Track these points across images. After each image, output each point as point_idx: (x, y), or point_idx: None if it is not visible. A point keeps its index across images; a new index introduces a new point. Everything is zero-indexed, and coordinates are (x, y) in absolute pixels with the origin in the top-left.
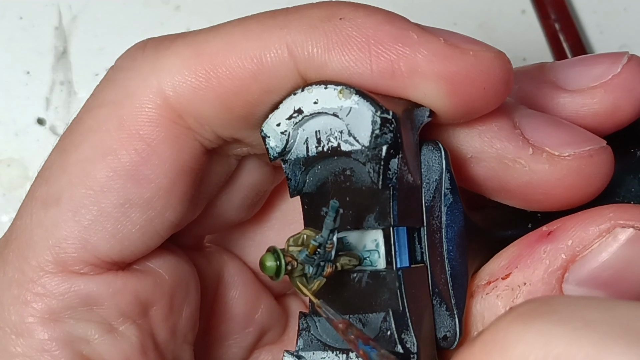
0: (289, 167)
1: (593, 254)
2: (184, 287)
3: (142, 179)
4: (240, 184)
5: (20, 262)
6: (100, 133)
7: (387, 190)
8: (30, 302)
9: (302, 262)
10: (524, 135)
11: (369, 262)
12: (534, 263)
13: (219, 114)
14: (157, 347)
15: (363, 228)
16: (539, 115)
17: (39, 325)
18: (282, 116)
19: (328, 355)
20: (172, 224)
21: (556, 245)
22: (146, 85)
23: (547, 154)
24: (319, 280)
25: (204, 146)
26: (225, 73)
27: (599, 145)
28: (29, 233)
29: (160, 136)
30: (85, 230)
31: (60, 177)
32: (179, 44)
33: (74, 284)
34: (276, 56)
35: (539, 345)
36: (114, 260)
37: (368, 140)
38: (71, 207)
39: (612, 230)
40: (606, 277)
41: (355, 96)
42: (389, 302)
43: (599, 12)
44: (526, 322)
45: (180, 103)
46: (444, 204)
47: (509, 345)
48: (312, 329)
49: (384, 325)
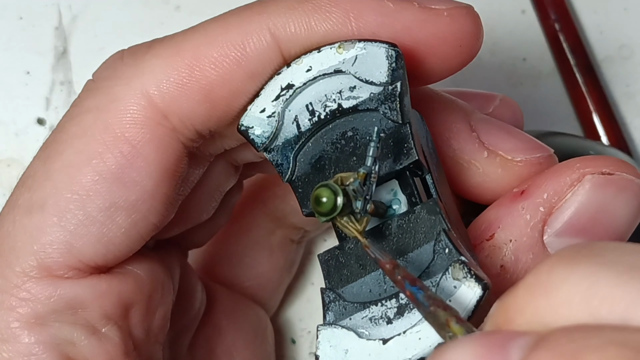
0: (277, 154)
1: (567, 203)
2: (160, 288)
3: (128, 182)
4: (208, 185)
5: (4, 269)
6: (85, 138)
7: (406, 126)
8: (15, 307)
9: (356, 191)
10: (479, 138)
11: (392, 211)
12: (515, 220)
13: (203, 109)
14: (135, 347)
15: (379, 182)
16: (493, 120)
17: (24, 330)
18: (267, 100)
19: (370, 311)
20: (154, 227)
21: (533, 200)
22: (130, 89)
23: (500, 158)
24: (367, 217)
25: (186, 147)
26: (208, 64)
27: (548, 153)
28: (12, 240)
29: (146, 138)
30: (70, 235)
31: (45, 184)
32: (157, 48)
33: (59, 288)
34: (258, 40)
35: (584, 287)
36: (97, 264)
37: (386, 76)
38: (56, 212)
39: (582, 179)
40: (582, 223)
41: (360, 43)
42: (432, 229)
43: (599, 12)
44: (569, 264)
45: (164, 101)
46: (431, 162)
47: (553, 286)
48: (339, 300)
49: (438, 247)
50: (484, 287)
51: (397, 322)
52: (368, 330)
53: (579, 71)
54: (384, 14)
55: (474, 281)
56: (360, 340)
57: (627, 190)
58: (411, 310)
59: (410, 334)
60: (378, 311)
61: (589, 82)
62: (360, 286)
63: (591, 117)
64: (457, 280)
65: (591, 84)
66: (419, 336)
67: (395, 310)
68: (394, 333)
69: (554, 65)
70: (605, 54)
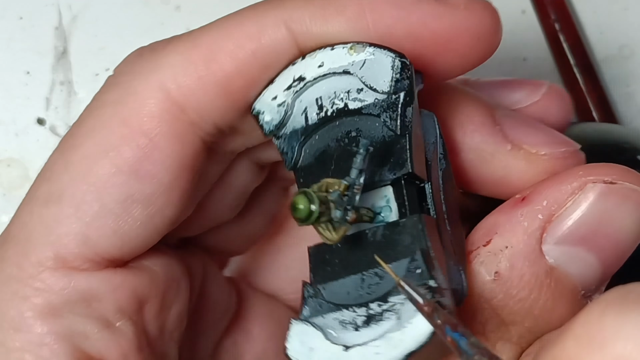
0: (284, 141)
1: (568, 211)
2: (175, 286)
3: (144, 175)
4: (230, 183)
5: (19, 259)
6: (103, 131)
7: (404, 137)
8: (30, 297)
9: (334, 202)
10: (503, 131)
11: (381, 218)
12: (513, 227)
13: (220, 101)
14: (149, 343)
15: (373, 187)
16: (518, 115)
17: (37, 320)
18: (280, 88)
19: (342, 314)
20: (171, 221)
21: (532, 207)
22: (148, 83)
23: (524, 152)
24: (345, 227)
25: (204, 142)
26: (224, 56)
27: (573, 148)
28: (28, 230)
29: (163, 131)
30: (86, 227)
31: (62, 175)
32: (175, 43)
33: (74, 279)
34: (274, 33)
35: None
36: (113, 257)
37: (389, 86)
38: (73, 203)
39: (584, 187)
40: (582, 233)
41: (370, 48)
42: (412, 246)
43: (599, 12)
44: (621, 312)
45: (182, 94)
46: (439, 167)
47: (607, 340)
48: (318, 295)
49: (412, 266)
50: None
51: (362, 331)
52: (336, 332)
53: (579, 71)
54: (399, 7)
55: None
56: (325, 341)
57: (630, 200)
58: (377, 323)
59: (370, 346)
60: (349, 316)
61: (588, 82)
62: (340, 286)
63: (591, 117)
64: None
65: (591, 84)
66: (377, 351)
67: (363, 319)
68: (356, 342)
69: (554, 65)
70: (605, 54)
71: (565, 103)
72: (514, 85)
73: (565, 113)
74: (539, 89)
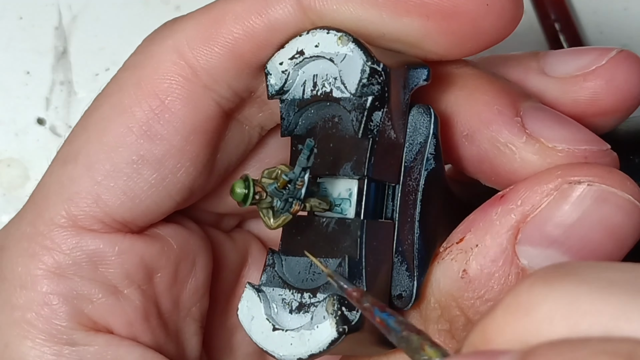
0: (284, 107)
1: (543, 212)
2: (191, 260)
3: (154, 136)
4: (263, 161)
5: (34, 217)
6: (120, 93)
7: (367, 140)
8: (38, 254)
9: (270, 194)
10: (523, 124)
11: (339, 209)
12: (486, 225)
13: (230, 63)
14: (160, 315)
15: (340, 175)
16: (549, 110)
17: (44, 279)
18: (285, 55)
19: (285, 293)
20: (185, 187)
21: (507, 207)
22: (163, 46)
23: (540, 145)
24: (285, 216)
25: (221, 106)
26: (232, 19)
27: (598, 148)
28: (46, 189)
29: (175, 94)
30: (98, 186)
31: (80, 136)
32: (193, 12)
33: (81, 239)
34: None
35: (564, 304)
36: (124, 219)
37: (355, 88)
38: (87, 163)
39: (559, 187)
40: (557, 235)
41: (352, 44)
42: (347, 249)
43: (599, 12)
44: (548, 283)
45: (194, 57)
46: (424, 168)
47: (533, 305)
48: (276, 266)
49: (338, 271)
50: (340, 332)
51: (293, 316)
52: (276, 309)
53: None
54: None
55: (335, 322)
56: (263, 315)
57: (607, 203)
58: (303, 314)
59: (288, 336)
60: (289, 297)
61: None
62: (295, 264)
63: None
64: (326, 312)
65: None
66: (291, 342)
67: (297, 305)
68: (281, 326)
69: None
70: None
71: (637, 68)
72: (580, 52)
73: (636, 78)
74: (607, 54)
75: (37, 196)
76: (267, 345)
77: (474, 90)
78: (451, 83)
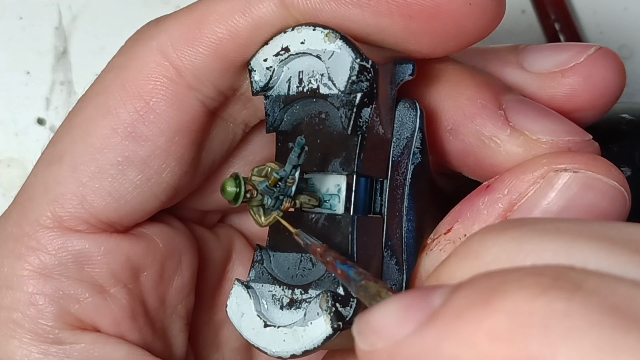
0: (269, 103)
1: (529, 201)
2: (177, 257)
3: (139, 137)
4: (247, 158)
5: (20, 218)
6: (104, 94)
7: (356, 137)
8: (24, 255)
9: (261, 192)
10: (507, 116)
11: (328, 205)
12: (473, 215)
13: (215, 63)
14: (147, 314)
15: (328, 171)
16: (530, 103)
17: (30, 279)
18: (270, 52)
19: (275, 289)
20: (170, 187)
21: (493, 196)
22: (147, 47)
23: (524, 138)
24: (275, 213)
25: (206, 106)
26: (215, 18)
27: (582, 138)
28: (31, 190)
29: (160, 95)
30: (83, 187)
31: (65, 137)
32: (176, 12)
33: (67, 240)
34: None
35: (512, 246)
36: (110, 220)
37: (344, 86)
38: (72, 164)
39: (545, 175)
40: None
41: (339, 41)
42: (339, 245)
43: (599, 12)
44: (498, 230)
45: (179, 58)
46: (411, 162)
47: (482, 250)
48: (265, 262)
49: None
50: (335, 328)
51: (284, 313)
52: (267, 305)
53: None
54: None
55: (330, 318)
56: (253, 312)
57: (593, 190)
58: (295, 310)
59: (281, 332)
60: (279, 293)
61: None
62: (283, 259)
63: None
64: (320, 308)
65: None
66: (284, 338)
67: (288, 301)
68: (273, 322)
69: None
70: None
71: (614, 66)
72: (559, 48)
73: (613, 76)
74: (586, 51)
75: (22, 197)
76: (259, 342)
77: (456, 84)
78: (433, 78)
